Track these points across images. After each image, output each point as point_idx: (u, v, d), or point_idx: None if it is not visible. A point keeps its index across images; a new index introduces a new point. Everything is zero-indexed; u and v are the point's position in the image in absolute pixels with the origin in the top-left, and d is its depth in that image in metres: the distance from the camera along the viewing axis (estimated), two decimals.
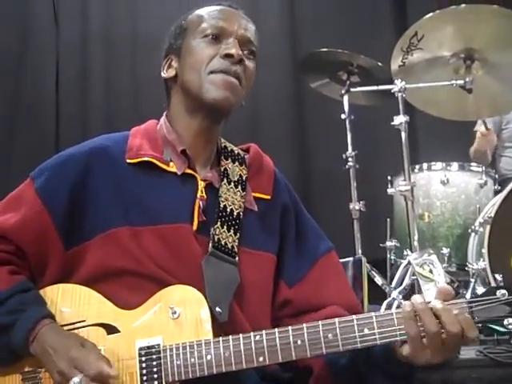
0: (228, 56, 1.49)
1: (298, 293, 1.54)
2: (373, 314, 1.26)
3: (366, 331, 1.25)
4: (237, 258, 1.48)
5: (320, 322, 1.27)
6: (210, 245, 1.46)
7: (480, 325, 1.22)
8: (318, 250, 1.59)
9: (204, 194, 1.50)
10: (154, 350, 1.32)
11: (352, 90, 3.49)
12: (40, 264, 1.47)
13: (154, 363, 1.31)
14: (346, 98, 3.52)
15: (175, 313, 1.34)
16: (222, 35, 1.52)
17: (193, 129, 1.54)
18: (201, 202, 1.49)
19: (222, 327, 1.35)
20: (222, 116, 1.56)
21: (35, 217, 1.47)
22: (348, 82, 3.55)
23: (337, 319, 1.27)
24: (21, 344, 1.34)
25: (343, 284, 1.61)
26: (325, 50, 3.57)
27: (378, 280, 3.18)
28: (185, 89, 1.54)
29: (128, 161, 1.50)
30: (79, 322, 1.39)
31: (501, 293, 1.22)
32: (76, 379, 1.25)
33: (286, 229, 1.59)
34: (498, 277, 2.70)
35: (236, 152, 1.63)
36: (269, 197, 1.58)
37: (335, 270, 1.61)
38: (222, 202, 1.52)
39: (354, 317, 1.27)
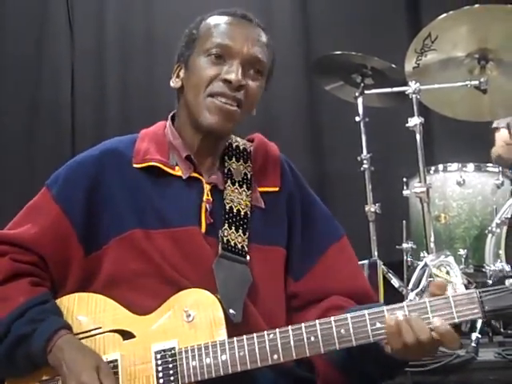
0: (228, 81, 1.48)
1: (304, 285, 1.54)
2: (384, 307, 1.28)
3: (378, 325, 1.27)
4: (248, 257, 1.48)
5: (332, 318, 1.29)
6: (220, 247, 1.47)
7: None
8: (326, 239, 1.58)
9: (210, 197, 1.51)
10: (169, 352, 1.33)
11: (366, 92, 3.50)
12: (62, 272, 1.48)
13: (170, 365, 1.32)
14: (360, 101, 3.53)
15: (189, 316, 1.35)
16: (226, 55, 1.50)
17: (197, 140, 1.55)
18: (207, 205, 1.50)
19: (236, 328, 1.35)
20: (222, 137, 1.57)
21: (55, 224, 1.48)
22: (362, 85, 3.56)
23: (348, 314, 1.28)
24: (39, 353, 1.35)
25: (352, 271, 1.59)
26: (338, 52, 3.57)
27: (395, 282, 3.18)
28: (187, 106, 1.55)
29: (135, 165, 1.51)
30: (95, 329, 1.40)
31: (510, 282, 1.23)
32: None
33: (293, 217, 1.58)
34: (507, 267, 2.69)
35: (241, 148, 1.63)
36: (277, 188, 1.58)
37: (345, 258, 1.59)
38: (228, 203, 1.52)
39: (365, 311, 1.28)
